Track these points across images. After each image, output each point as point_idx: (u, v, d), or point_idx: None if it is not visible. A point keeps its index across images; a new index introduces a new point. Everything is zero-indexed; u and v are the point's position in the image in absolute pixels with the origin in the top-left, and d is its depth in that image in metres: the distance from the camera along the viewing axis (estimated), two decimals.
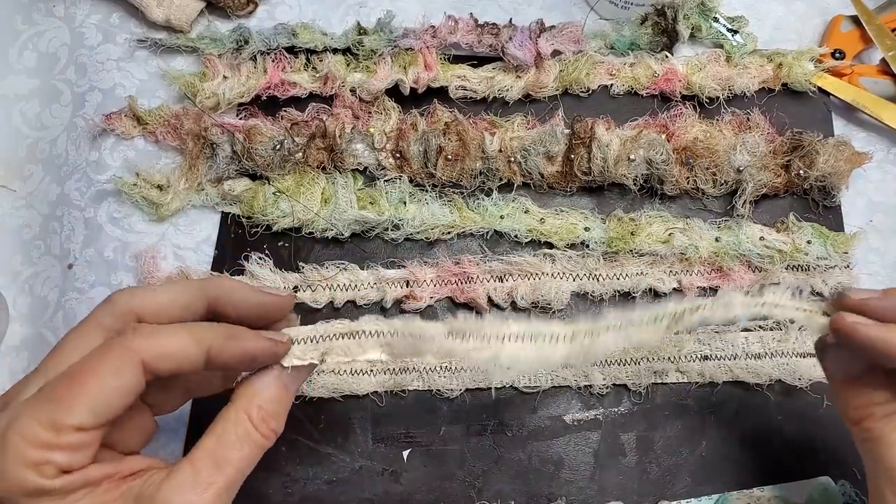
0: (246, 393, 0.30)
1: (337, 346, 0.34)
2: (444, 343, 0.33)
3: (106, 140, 0.50)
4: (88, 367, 0.27)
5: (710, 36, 0.52)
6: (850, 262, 0.47)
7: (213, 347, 0.29)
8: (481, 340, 0.34)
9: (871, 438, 0.32)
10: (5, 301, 0.47)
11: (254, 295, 0.32)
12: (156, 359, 0.28)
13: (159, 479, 0.28)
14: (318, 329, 0.34)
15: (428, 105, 0.50)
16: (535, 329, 0.34)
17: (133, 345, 0.28)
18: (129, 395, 0.28)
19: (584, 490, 0.43)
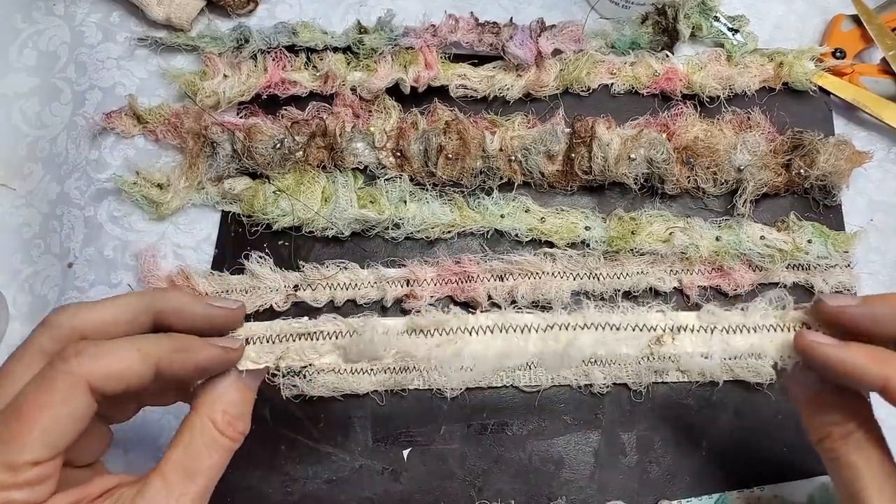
0: (207, 399, 0.30)
1: (293, 349, 0.33)
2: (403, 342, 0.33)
3: (106, 139, 0.50)
4: (35, 399, 0.26)
5: (710, 35, 0.52)
6: (851, 261, 0.47)
7: (162, 361, 0.29)
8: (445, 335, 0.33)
9: (832, 459, 0.31)
10: (5, 300, 0.47)
11: (201, 308, 0.32)
12: (103, 380, 0.27)
13: (130, 495, 0.27)
14: (274, 327, 0.33)
15: (428, 104, 0.50)
16: (506, 320, 0.34)
17: (78, 369, 0.27)
18: (81, 420, 0.27)
19: (585, 489, 0.43)
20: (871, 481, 0.29)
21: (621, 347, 0.34)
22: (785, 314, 0.34)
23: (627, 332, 0.34)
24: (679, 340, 0.34)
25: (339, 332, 0.34)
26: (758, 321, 0.34)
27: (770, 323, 0.34)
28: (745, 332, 0.34)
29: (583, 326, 0.34)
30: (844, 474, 0.30)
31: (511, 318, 0.34)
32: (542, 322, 0.34)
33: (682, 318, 0.35)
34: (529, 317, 0.34)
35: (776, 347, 0.33)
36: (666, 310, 0.35)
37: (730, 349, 0.34)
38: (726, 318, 0.34)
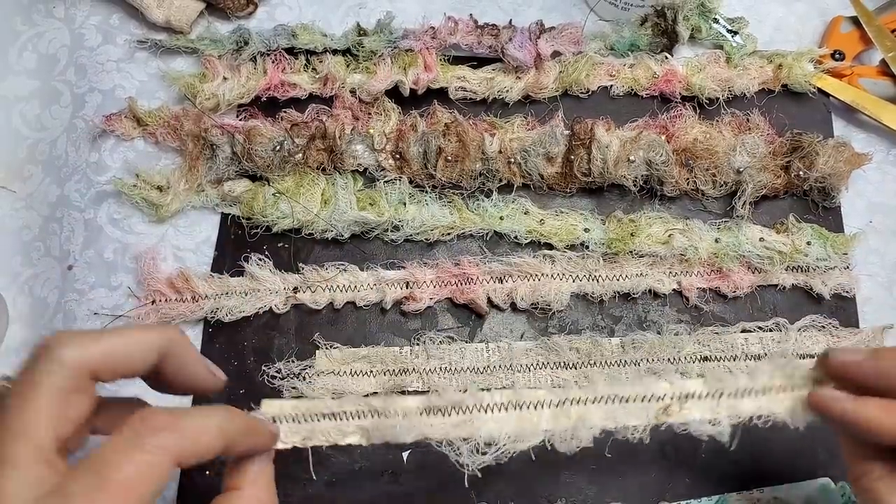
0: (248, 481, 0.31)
1: (318, 430, 0.34)
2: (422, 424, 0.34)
3: (106, 141, 0.50)
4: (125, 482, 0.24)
5: (709, 37, 0.52)
6: (850, 263, 0.47)
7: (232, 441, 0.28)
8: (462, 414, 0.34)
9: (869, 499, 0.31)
10: (5, 302, 0.47)
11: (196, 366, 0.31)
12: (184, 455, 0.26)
13: None
14: (300, 406, 0.34)
15: (428, 106, 0.50)
16: (519, 397, 0.34)
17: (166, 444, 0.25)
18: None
19: (584, 491, 0.43)
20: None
21: (630, 420, 0.34)
22: (793, 373, 0.33)
23: (636, 403, 0.34)
24: (687, 409, 0.34)
25: (362, 412, 0.35)
26: (765, 383, 0.33)
27: (778, 384, 0.33)
28: (753, 396, 0.34)
29: (593, 400, 0.34)
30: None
31: (524, 395, 0.35)
32: (553, 398, 0.34)
33: (689, 385, 0.34)
34: (542, 392, 0.35)
35: (786, 408, 0.33)
36: (673, 379, 0.35)
37: (738, 413, 0.34)
38: (733, 382, 0.34)
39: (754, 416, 0.34)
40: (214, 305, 0.45)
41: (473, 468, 0.34)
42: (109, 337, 0.28)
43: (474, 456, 0.34)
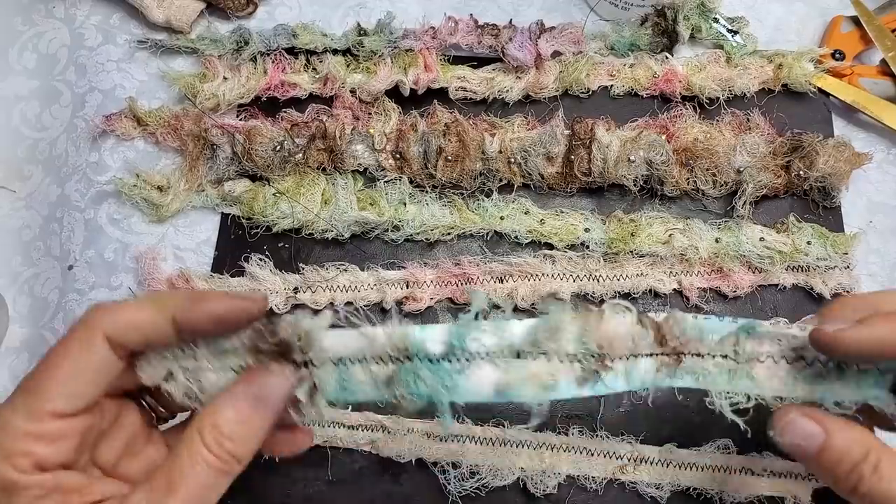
0: (203, 412, 0.28)
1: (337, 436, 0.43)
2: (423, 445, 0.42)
3: (106, 141, 0.50)
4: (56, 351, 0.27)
5: (710, 37, 0.52)
6: (851, 262, 0.47)
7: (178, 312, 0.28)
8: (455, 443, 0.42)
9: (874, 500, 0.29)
10: (5, 302, 0.47)
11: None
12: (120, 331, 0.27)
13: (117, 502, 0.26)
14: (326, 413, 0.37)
15: (428, 106, 0.50)
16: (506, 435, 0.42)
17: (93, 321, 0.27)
18: (103, 372, 0.27)
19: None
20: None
21: (592, 471, 0.42)
22: (730, 458, 0.42)
23: (599, 458, 0.42)
24: (639, 470, 0.42)
25: (374, 426, 0.43)
26: (706, 461, 0.42)
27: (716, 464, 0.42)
28: (694, 470, 0.42)
29: (565, 449, 0.42)
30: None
31: (509, 435, 0.42)
32: (533, 440, 0.42)
33: (646, 451, 0.42)
34: (525, 435, 0.42)
35: (718, 484, 0.41)
36: (634, 442, 0.42)
37: (679, 482, 0.42)
38: (682, 455, 0.42)
39: (692, 488, 0.42)
40: None
41: (456, 495, 0.41)
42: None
43: (460, 482, 0.41)
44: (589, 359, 0.29)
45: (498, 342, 0.29)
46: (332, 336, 0.29)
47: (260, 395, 0.28)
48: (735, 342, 0.31)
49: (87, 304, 0.46)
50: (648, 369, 0.31)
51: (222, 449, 0.27)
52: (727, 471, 0.42)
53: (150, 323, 0.28)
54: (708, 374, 0.31)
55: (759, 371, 0.31)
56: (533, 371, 0.29)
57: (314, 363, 0.29)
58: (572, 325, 0.29)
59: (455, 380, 0.29)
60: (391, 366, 0.29)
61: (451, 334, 0.29)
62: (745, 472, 0.42)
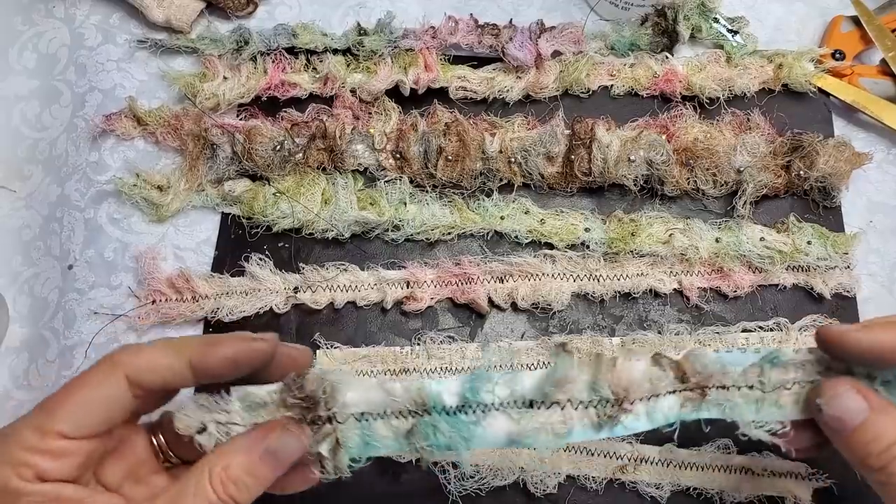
0: (219, 449, 0.29)
1: None
2: None
3: (106, 141, 0.50)
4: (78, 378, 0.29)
5: (710, 36, 0.52)
6: (851, 262, 0.47)
7: (195, 356, 0.30)
8: None
9: None
10: (5, 302, 0.47)
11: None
12: (141, 372, 0.29)
13: None
14: None
15: (428, 106, 0.50)
16: None
17: (116, 358, 0.29)
18: (114, 407, 0.29)
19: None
20: None
21: (592, 471, 0.42)
22: (730, 458, 0.41)
23: (599, 458, 0.42)
24: (639, 470, 0.42)
25: None
26: (706, 461, 0.41)
27: (716, 464, 0.41)
28: (694, 469, 0.42)
29: (565, 449, 0.42)
30: None
31: None
32: None
33: (646, 451, 0.42)
34: None
35: (718, 484, 0.41)
36: (634, 442, 0.42)
37: (679, 481, 0.41)
38: (682, 455, 0.42)
39: (692, 488, 0.41)
40: (215, 305, 0.45)
41: (456, 494, 0.41)
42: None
43: (461, 482, 0.41)
44: (605, 404, 0.30)
45: (510, 394, 0.30)
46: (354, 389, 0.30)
47: (273, 450, 0.29)
48: (759, 373, 0.31)
49: (87, 303, 0.46)
50: (672, 405, 0.31)
51: (226, 492, 0.28)
52: (727, 471, 0.42)
53: (167, 367, 0.30)
54: (735, 405, 0.32)
55: (786, 398, 0.32)
56: (545, 420, 0.30)
57: (338, 420, 0.30)
58: (583, 375, 0.30)
59: (472, 431, 0.30)
60: (410, 419, 0.30)
61: (464, 388, 0.30)
62: (745, 472, 0.42)
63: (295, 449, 0.30)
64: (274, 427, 0.30)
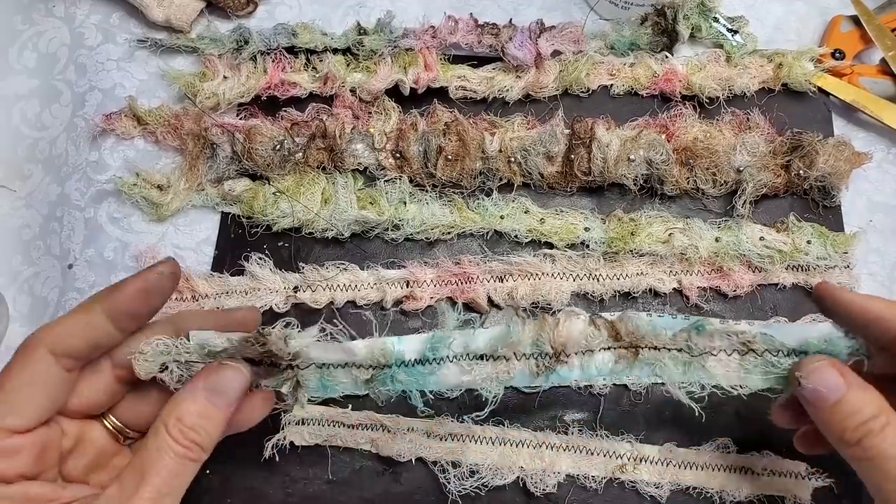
0: (168, 406, 0.30)
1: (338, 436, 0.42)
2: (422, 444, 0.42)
3: (106, 140, 0.50)
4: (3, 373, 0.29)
5: (710, 36, 0.52)
6: (850, 262, 0.47)
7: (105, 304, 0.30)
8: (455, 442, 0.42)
9: (869, 458, 0.31)
10: (5, 301, 0.47)
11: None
12: (60, 341, 0.29)
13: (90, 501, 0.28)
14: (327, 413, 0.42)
15: (428, 105, 0.50)
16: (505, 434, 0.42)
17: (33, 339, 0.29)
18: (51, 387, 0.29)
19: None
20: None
21: (591, 470, 0.42)
22: (730, 458, 0.42)
23: (599, 457, 0.42)
24: (639, 470, 0.42)
25: (374, 425, 0.42)
26: (706, 461, 0.42)
27: (716, 464, 0.42)
28: (694, 469, 0.42)
29: (565, 448, 0.42)
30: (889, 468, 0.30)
31: (509, 434, 0.42)
32: (533, 440, 0.42)
33: (645, 450, 0.42)
34: (525, 434, 0.42)
35: (718, 484, 0.41)
36: (633, 441, 0.42)
37: (679, 481, 0.41)
38: (681, 455, 0.42)
39: (692, 487, 0.41)
40: (214, 304, 0.45)
41: (456, 494, 0.41)
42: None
43: (460, 481, 0.41)
44: (544, 357, 0.34)
45: (464, 349, 0.34)
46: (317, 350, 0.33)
47: (217, 389, 0.30)
48: (687, 338, 0.34)
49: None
50: (606, 360, 0.34)
51: (187, 438, 0.29)
52: (727, 470, 0.42)
53: (86, 326, 0.30)
54: (664, 366, 0.34)
55: (713, 363, 0.34)
56: (492, 370, 0.34)
57: (299, 367, 0.33)
58: (528, 333, 0.34)
59: (427, 379, 0.33)
60: (371, 370, 0.34)
61: (425, 347, 0.33)
62: (745, 472, 0.42)
63: (238, 383, 0.31)
64: (211, 369, 0.31)
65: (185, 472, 0.29)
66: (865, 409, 0.31)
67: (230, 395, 0.31)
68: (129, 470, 0.28)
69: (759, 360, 0.34)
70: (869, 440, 0.30)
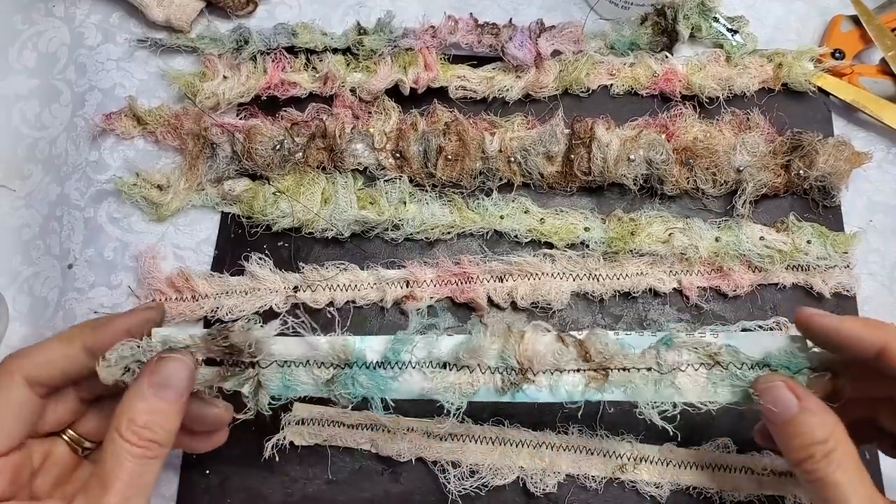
0: (118, 409, 0.30)
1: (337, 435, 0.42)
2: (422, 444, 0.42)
3: (106, 140, 0.50)
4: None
5: (710, 36, 0.52)
6: (850, 262, 0.47)
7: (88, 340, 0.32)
8: (455, 442, 0.42)
9: (814, 480, 0.31)
10: (5, 301, 0.47)
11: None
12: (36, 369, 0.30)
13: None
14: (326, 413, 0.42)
15: (428, 105, 0.50)
16: (505, 434, 0.42)
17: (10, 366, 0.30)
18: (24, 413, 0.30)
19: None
20: (855, 498, 0.30)
21: (591, 470, 0.42)
22: (730, 458, 0.41)
23: (599, 457, 0.42)
24: (639, 469, 0.41)
25: (374, 425, 0.42)
26: (706, 461, 0.41)
27: (716, 464, 0.41)
28: (694, 469, 0.42)
29: (565, 448, 0.42)
30: (828, 494, 0.31)
31: (508, 434, 0.42)
32: (533, 439, 0.42)
33: (645, 450, 0.42)
34: (525, 434, 0.42)
35: (719, 483, 0.41)
36: (633, 441, 0.42)
37: (679, 481, 0.41)
38: (682, 455, 0.42)
39: (691, 487, 0.41)
40: (214, 304, 0.45)
41: (456, 494, 0.41)
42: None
43: (460, 481, 0.41)
44: (510, 372, 0.34)
45: (427, 355, 0.34)
46: (279, 343, 0.34)
47: (162, 382, 0.30)
48: (656, 354, 0.35)
49: (86, 302, 0.46)
50: (577, 383, 0.34)
51: (142, 439, 0.29)
52: (727, 470, 0.42)
53: (62, 357, 0.31)
54: (635, 386, 0.34)
55: (682, 380, 0.34)
56: (455, 381, 0.34)
57: (261, 364, 0.33)
58: (493, 345, 0.34)
59: (388, 384, 0.34)
60: (332, 370, 0.34)
61: (387, 348, 0.34)
62: (745, 472, 0.42)
63: (184, 372, 0.31)
64: (153, 364, 0.31)
65: (147, 472, 0.29)
66: (814, 433, 0.31)
67: (178, 387, 0.31)
68: (92, 479, 0.29)
69: (726, 373, 0.34)
70: (812, 464, 0.31)
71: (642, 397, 0.34)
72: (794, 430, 0.32)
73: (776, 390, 0.33)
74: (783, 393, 0.32)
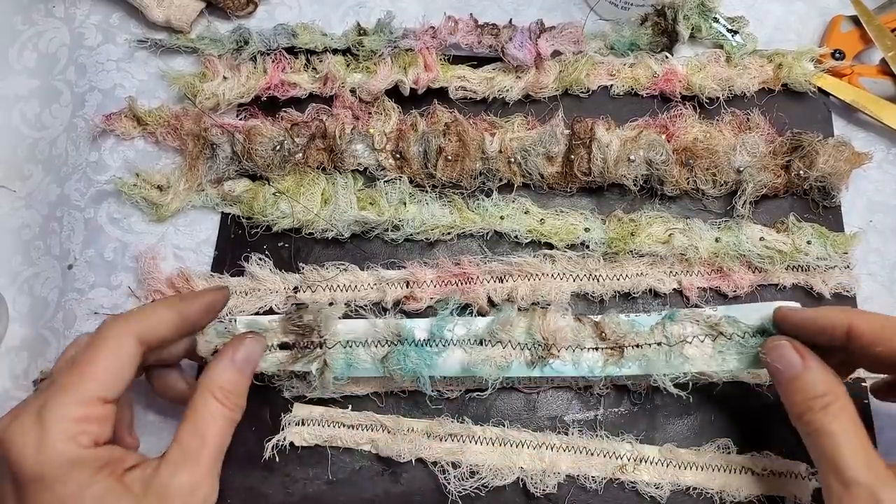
0: (207, 379, 0.35)
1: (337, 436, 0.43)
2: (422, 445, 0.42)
3: (106, 140, 0.50)
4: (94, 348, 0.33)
5: (710, 36, 0.52)
6: (850, 262, 0.47)
7: (183, 309, 0.36)
8: (455, 442, 0.42)
9: (811, 431, 0.34)
10: (5, 301, 0.47)
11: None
12: (148, 330, 0.34)
13: (154, 463, 0.32)
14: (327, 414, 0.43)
15: (428, 105, 0.50)
16: (505, 435, 0.43)
17: (127, 322, 0.34)
18: (132, 367, 0.33)
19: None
20: (847, 447, 0.32)
21: (591, 471, 0.42)
22: (730, 458, 0.42)
23: (599, 458, 0.42)
24: (639, 470, 0.42)
25: (374, 426, 0.43)
26: (706, 461, 0.42)
27: (716, 464, 0.42)
28: (694, 469, 0.42)
29: (565, 449, 0.42)
30: (823, 443, 0.33)
31: (509, 435, 0.43)
32: (533, 440, 0.42)
33: (645, 450, 0.42)
34: (525, 435, 0.43)
35: (718, 484, 0.41)
36: (634, 442, 0.43)
37: (679, 481, 0.42)
38: (682, 455, 0.42)
39: (692, 487, 0.42)
40: None
41: (456, 494, 0.41)
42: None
43: (460, 482, 0.41)
44: (537, 347, 0.39)
45: (466, 333, 0.40)
46: (343, 323, 0.40)
47: (246, 358, 0.36)
48: (662, 329, 0.40)
49: (86, 303, 0.46)
50: (597, 359, 0.40)
51: (231, 402, 0.35)
52: (727, 470, 0.42)
53: (167, 322, 0.35)
54: (648, 360, 0.39)
55: (690, 351, 0.39)
56: (491, 354, 0.39)
57: (328, 345, 0.39)
58: (520, 321, 0.40)
59: (434, 359, 0.39)
60: (386, 348, 0.39)
61: (433, 325, 0.40)
62: (745, 472, 0.42)
63: (260, 351, 0.38)
64: (237, 342, 0.37)
65: (230, 432, 0.35)
66: (815, 387, 0.34)
67: (255, 360, 0.37)
68: (186, 435, 0.33)
69: (730, 342, 0.39)
70: (810, 415, 0.34)
71: (656, 369, 0.39)
72: (798, 387, 0.35)
73: (782, 349, 0.36)
74: (788, 352, 0.36)
